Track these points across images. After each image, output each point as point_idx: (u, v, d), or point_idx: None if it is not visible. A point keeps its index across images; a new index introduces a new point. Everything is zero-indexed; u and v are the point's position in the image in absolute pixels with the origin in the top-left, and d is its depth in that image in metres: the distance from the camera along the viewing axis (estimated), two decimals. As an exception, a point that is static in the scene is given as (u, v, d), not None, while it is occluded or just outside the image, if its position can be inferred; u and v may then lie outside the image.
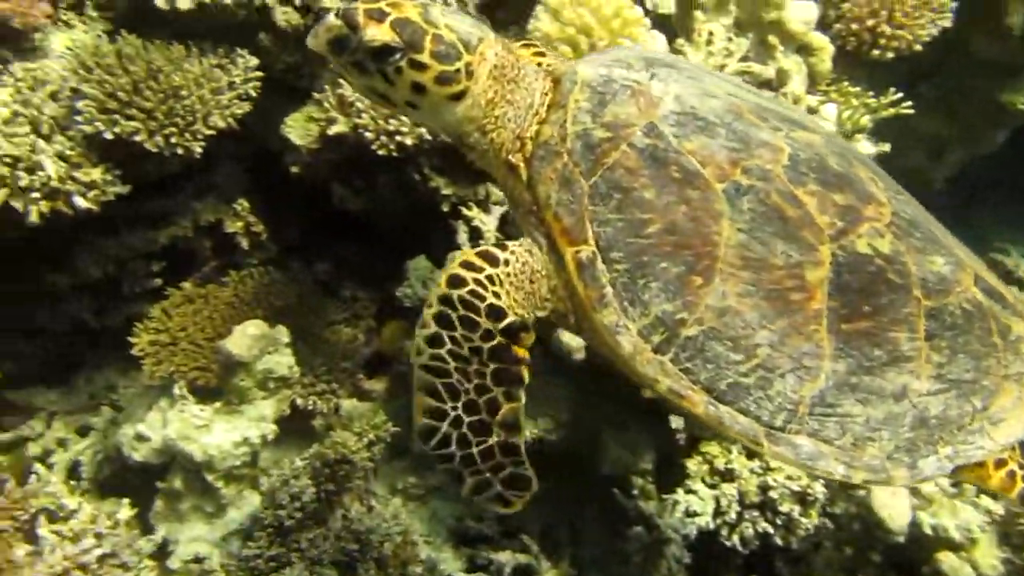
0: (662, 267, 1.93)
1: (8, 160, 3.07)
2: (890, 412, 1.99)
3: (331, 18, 2.00)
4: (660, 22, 3.26)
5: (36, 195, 3.10)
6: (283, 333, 3.48)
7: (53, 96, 3.24)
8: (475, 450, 2.00)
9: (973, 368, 2.05)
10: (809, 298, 1.94)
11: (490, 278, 2.02)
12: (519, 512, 2.10)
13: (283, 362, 3.48)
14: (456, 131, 2.15)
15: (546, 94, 2.17)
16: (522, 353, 2.04)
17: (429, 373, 2.00)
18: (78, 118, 3.17)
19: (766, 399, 1.94)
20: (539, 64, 2.32)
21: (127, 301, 3.83)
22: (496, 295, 2.02)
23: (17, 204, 3.08)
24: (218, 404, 3.47)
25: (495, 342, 2.00)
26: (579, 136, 2.02)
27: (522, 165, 2.13)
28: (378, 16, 1.99)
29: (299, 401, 3.63)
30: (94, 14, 3.46)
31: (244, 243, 3.87)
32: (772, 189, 1.96)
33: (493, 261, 2.03)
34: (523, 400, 2.04)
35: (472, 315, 1.99)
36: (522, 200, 2.14)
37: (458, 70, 2.04)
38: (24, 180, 3.07)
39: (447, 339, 1.99)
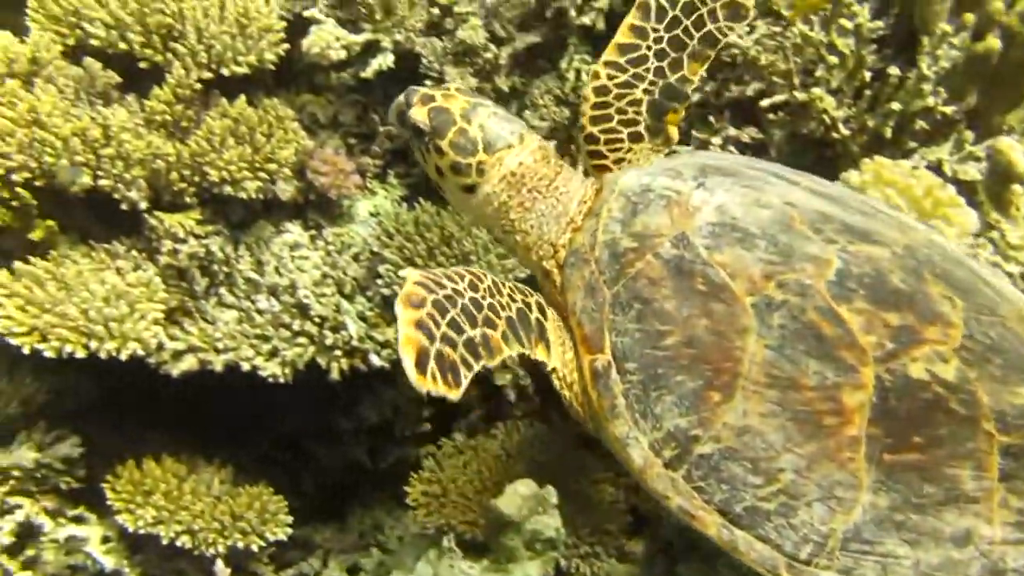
0: (677, 380, 1.88)
1: (317, 319, 3.33)
2: (948, 558, 1.74)
3: (401, 96, 2.37)
4: (965, 189, 3.05)
5: (338, 353, 3.33)
6: (552, 494, 3.46)
7: (356, 258, 3.51)
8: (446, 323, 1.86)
9: None
10: (845, 423, 1.79)
11: (541, 307, 2.16)
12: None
13: (551, 524, 3.44)
14: (476, 223, 2.26)
15: (585, 202, 2.24)
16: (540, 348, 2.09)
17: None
18: (378, 280, 3.41)
19: (789, 528, 1.80)
20: (596, 169, 2.44)
21: (399, 444, 4.01)
22: (543, 314, 2.14)
23: (321, 360, 3.32)
24: (486, 561, 3.48)
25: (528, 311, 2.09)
26: (607, 245, 2.05)
27: (555, 271, 2.20)
28: (426, 101, 2.29)
29: (563, 563, 3.58)
30: (395, 182, 3.76)
31: (511, 395, 3.94)
32: (809, 305, 1.86)
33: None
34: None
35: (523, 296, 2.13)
36: (557, 304, 2.19)
37: (469, 164, 2.21)
38: (329, 339, 3.31)
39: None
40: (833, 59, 3.19)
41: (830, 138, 3.27)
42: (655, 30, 2.47)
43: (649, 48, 2.47)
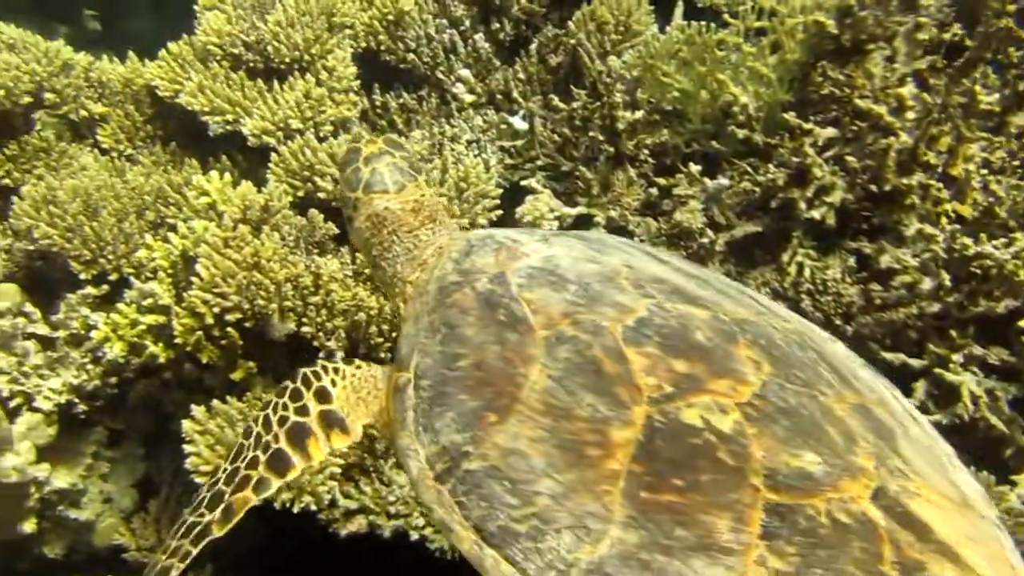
0: (460, 399, 1.94)
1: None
2: None
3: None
4: None
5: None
6: None
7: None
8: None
9: None
10: (607, 456, 1.76)
11: (336, 370, 2.30)
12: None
13: None
14: (360, 251, 2.59)
15: (441, 248, 2.40)
16: (316, 452, 2.20)
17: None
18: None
19: (536, 552, 1.76)
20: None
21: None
22: (332, 383, 2.29)
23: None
24: None
25: (303, 420, 2.23)
26: (438, 280, 2.20)
27: (403, 305, 2.38)
28: (354, 143, 2.64)
29: None
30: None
31: None
32: (597, 343, 1.89)
33: (348, 362, 2.32)
34: (266, 493, 2.16)
35: (303, 388, 2.27)
36: None
37: (348, 198, 2.52)
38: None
39: (273, 402, 2.28)
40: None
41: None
42: None
43: None
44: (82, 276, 3.66)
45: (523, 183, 3.70)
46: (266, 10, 4.17)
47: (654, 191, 3.54)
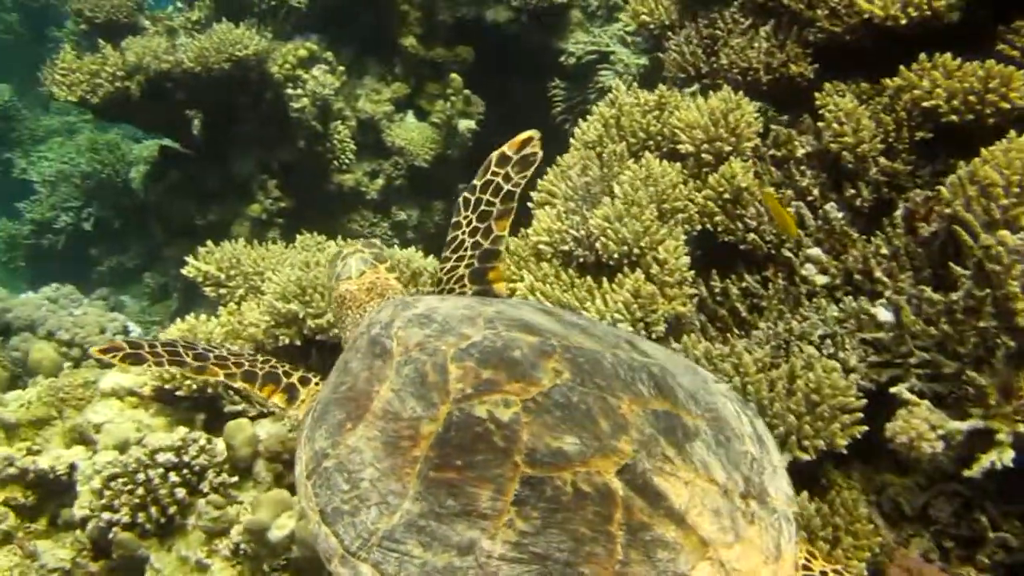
0: (333, 414, 2.37)
1: None
2: (450, 563, 2.00)
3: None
4: None
5: None
6: None
7: None
8: None
9: (569, 550, 1.96)
10: (414, 446, 2.14)
11: (305, 380, 2.95)
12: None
13: None
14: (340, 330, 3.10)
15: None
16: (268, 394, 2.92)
17: None
18: None
19: (352, 526, 2.14)
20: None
21: None
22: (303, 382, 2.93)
23: None
24: None
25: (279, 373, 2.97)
26: (357, 332, 2.70)
27: None
28: (348, 248, 3.22)
29: None
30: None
31: None
32: (431, 362, 2.28)
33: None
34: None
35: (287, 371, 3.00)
36: None
37: (328, 287, 3.20)
38: None
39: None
40: None
41: None
42: (467, 218, 3.38)
43: (464, 232, 3.37)
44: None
45: (892, 390, 3.02)
46: (597, 200, 4.04)
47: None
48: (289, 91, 8.16)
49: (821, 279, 3.58)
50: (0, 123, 14.65)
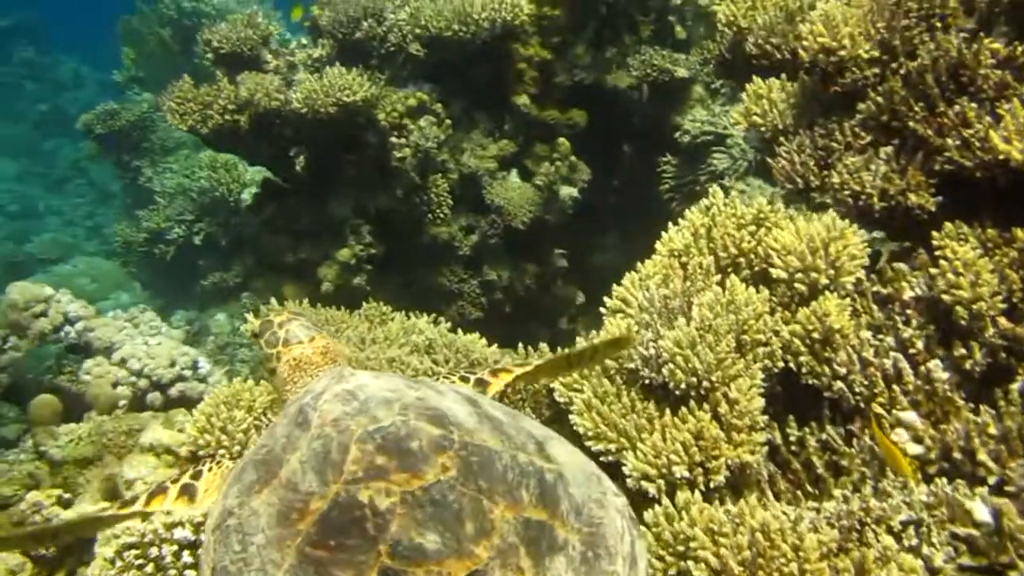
0: (248, 474, 2.43)
1: None
2: None
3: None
4: None
5: None
6: None
7: None
8: None
9: None
10: (300, 519, 2.21)
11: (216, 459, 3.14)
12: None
13: None
14: (277, 392, 3.09)
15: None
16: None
17: None
18: None
19: None
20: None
21: None
22: (210, 469, 3.06)
23: None
24: None
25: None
26: (295, 398, 2.80)
27: None
28: (265, 316, 3.30)
29: None
30: None
31: None
32: (338, 439, 2.35)
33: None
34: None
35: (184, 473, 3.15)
36: None
37: (270, 354, 3.05)
38: None
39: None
40: None
41: None
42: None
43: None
44: None
45: (984, 608, 2.56)
46: (674, 317, 3.70)
47: None
48: (393, 139, 8.12)
49: (914, 449, 3.12)
50: (137, 132, 15.34)
